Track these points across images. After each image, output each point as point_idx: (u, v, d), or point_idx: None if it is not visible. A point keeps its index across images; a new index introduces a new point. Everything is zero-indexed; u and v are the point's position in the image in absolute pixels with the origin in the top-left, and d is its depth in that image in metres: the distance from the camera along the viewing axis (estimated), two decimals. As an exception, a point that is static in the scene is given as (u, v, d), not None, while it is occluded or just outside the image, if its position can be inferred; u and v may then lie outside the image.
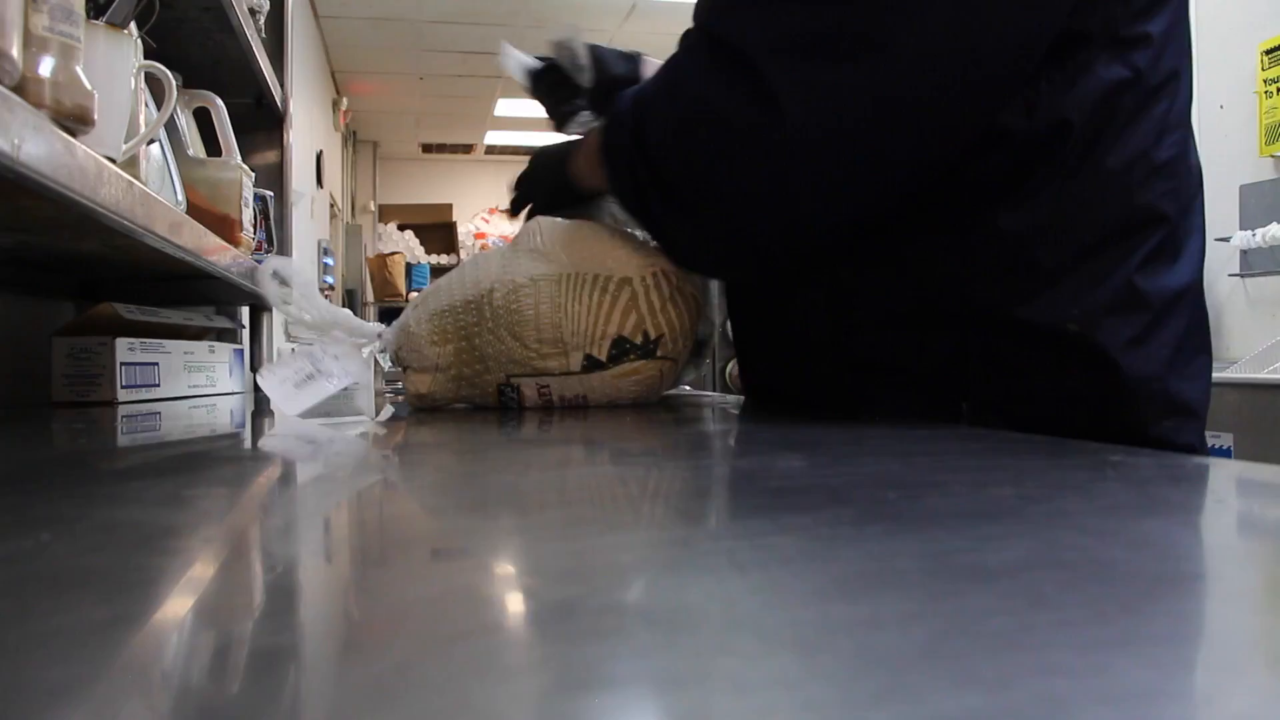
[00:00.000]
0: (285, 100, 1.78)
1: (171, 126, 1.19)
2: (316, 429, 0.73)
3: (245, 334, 1.68)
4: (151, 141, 0.96)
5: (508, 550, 0.29)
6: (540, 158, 0.96)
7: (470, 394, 0.82)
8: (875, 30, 0.59)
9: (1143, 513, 0.33)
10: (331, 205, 5.74)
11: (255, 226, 1.47)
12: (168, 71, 0.92)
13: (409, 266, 7.13)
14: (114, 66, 0.78)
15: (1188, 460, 0.52)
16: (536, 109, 1.02)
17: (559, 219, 0.85)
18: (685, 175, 0.68)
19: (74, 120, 0.64)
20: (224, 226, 1.24)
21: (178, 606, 0.22)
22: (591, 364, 0.79)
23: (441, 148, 8.05)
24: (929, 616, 0.19)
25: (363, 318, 0.82)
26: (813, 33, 0.60)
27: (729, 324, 0.93)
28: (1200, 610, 0.21)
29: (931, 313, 0.69)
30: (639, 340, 0.79)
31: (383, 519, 0.36)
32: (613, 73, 0.94)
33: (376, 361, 1.47)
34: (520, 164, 1.00)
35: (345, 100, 6.13)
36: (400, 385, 1.45)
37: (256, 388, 1.65)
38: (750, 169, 0.63)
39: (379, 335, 0.81)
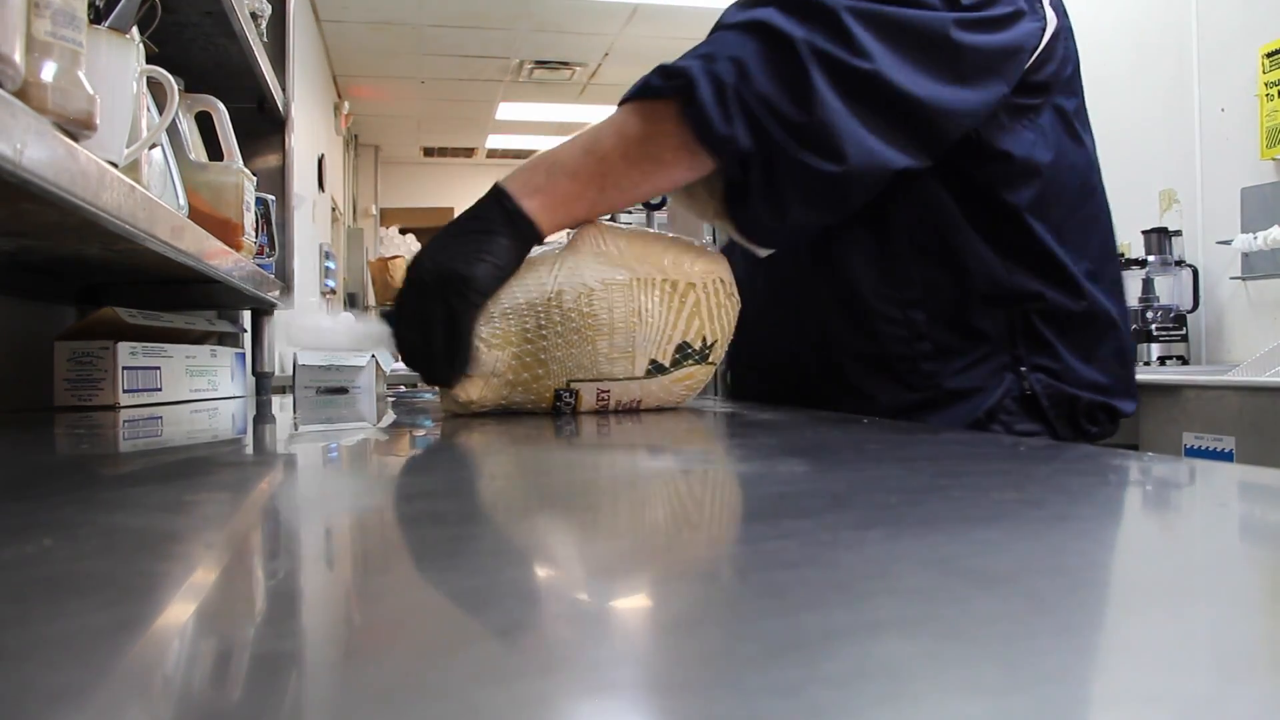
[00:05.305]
0: (287, 104, 1.78)
1: (173, 131, 1.19)
2: (319, 435, 0.73)
3: (247, 338, 1.68)
4: (153, 146, 0.96)
5: (508, 552, 0.29)
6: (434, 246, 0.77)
7: (522, 400, 0.80)
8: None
9: (1145, 517, 0.33)
10: (333, 209, 5.74)
11: (257, 230, 1.47)
12: (169, 76, 0.92)
13: (411, 270, 7.11)
14: (116, 71, 0.79)
15: (1190, 465, 0.52)
16: (538, 113, 1.01)
17: (615, 224, 0.85)
18: (792, 103, 0.77)
19: (76, 125, 0.64)
20: (226, 230, 1.24)
21: (180, 612, 0.22)
22: (655, 368, 0.80)
23: (443, 151, 8.05)
24: (931, 622, 0.19)
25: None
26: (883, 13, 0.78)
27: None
28: (1203, 615, 0.21)
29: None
30: (698, 345, 0.81)
31: (384, 522, 0.36)
32: None
33: (378, 365, 1.47)
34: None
35: (347, 104, 6.13)
36: (402, 390, 1.44)
37: (259, 390, 1.66)
38: (848, 98, 0.76)
39: None
